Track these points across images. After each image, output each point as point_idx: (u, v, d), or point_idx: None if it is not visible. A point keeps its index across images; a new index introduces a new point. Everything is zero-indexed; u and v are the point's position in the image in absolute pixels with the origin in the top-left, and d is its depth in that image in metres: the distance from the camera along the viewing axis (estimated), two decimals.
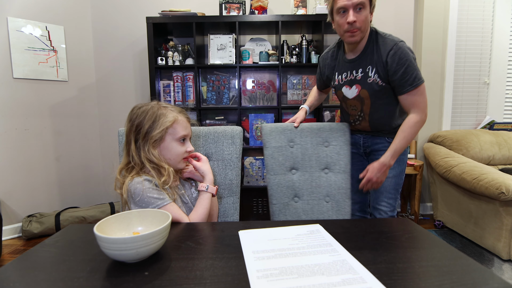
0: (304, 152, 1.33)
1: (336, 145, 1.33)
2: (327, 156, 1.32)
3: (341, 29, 1.18)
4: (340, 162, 1.31)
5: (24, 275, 0.55)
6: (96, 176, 2.72)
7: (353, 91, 1.30)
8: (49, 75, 2.41)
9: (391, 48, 1.16)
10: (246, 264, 0.58)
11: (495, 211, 1.82)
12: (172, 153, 0.92)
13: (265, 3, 2.32)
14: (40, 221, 2.22)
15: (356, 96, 1.30)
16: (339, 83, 1.34)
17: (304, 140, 1.33)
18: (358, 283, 0.51)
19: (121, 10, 2.60)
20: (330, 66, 1.37)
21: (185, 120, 0.94)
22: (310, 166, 1.32)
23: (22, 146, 2.31)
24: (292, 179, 1.32)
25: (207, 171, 0.96)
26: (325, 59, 1.40)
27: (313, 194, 1.31)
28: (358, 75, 1.26)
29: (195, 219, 0.89)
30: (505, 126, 2.54)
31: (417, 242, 0.69)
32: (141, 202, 0.83)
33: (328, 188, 1.31)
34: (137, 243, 0.56)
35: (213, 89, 2.47)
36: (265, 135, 1.32)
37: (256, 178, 2.46)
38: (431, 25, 2.54)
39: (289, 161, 1.32)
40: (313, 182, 1.32)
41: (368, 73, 1.23)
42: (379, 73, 1.20)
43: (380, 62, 1.19)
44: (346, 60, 1.29)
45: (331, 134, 1.34)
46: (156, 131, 0.88)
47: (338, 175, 1.31)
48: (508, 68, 2.62)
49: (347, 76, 1.30)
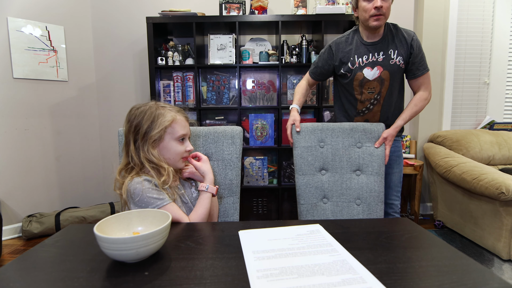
0: (335, 152, 1.29)
1: (369, 146, 1.29)
2: (360, 157, 1.29)
3: (366, 14, 1.29)
4: (373, 164, 1.27)
5: (24, 275, 0.55)
6: (96, 176, 2.72)
7: (374, 72, 1.37)
8: (49, 75, 2.41)
9: (413, 35, 1.35)
10: (246, 264, 0.58)
11: (495, 211, 1.82)
12: (172, 153, 0.92)
13: (265, 3, 2.32)
14: (40, 221, 2.22)
15: (377, 78, 1.38)
16: (360, 65, 1.38)
17: (335, 140, 1.30)
18: (358, 283, 0.51)
19: (121, 10, 2.60)
20: (345, 50, 1.40)
21: (184, 119, 0.95)
22: (340, 167, 1.29)
23: (22, 146, 2.31)
24: (321, 179, 1.29)
25: (207, 171, 0.96)
26: (339, 44, 1.42)
27: (343, 196, 1.28)
28: (379, 57, 1.36)
29: (195, 219, 0.89)
30: (505, 126, 2.54)
31: (417, 242, 0.69)
32: (140, 202, 0.83)
33: (359, 190, 1.28)
34: (137, 243, 0.56)
35: (213, 89, 2.47)
36: (295, 134, 1.31)
37: (256, 178, 2.46)
38: (431, 25, 2.54)
39: (319, 161, 1.29)
40: (343, 184, 1.29)
41: (390, 55, 1.35)
42: (402, 55, 1.35)
43: (402, 45, 1.35)
44: (366, 43, 1.37)
45: (364, 135, 1.30)
46: (155, 131, 0.88)
47: (370, 177, 1.28)
48: (508, 68, 2.62)
49: (368, 58, 1.37)
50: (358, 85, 1.41)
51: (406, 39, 1.35)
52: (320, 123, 1.32)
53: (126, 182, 0.85)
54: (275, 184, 2.45)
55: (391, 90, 1.40)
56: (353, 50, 1.39)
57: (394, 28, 1.38)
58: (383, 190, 1.28)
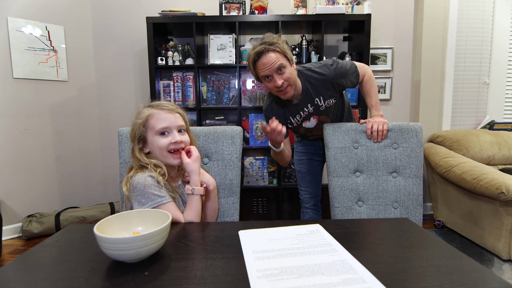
0: (370, 154, 1.25)
1: (406, 147, 1.24)
2: (396, 158, 1.24)
3: (273, 91, 1.28)
4: (411, 166, 1.22)
5: (24, 275, 0.55)
6: (96, 176, 2.72)
7: (312, 122, 1.41)
8: (49, 75, 2.41)
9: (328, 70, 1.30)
10: (246, 264, 0.58)
11: (495, 211, 1.82)
12: (156, 148, 0.91)
13: (265, 3, 2.32)
14: (40, 221, 2.22)
15: (317, 124, 1.42)
16: (298, 123, 1.41)
17: (370, 141, 1.26)
18: (358, 283, 0.51)
19: (121, 10, 2.60)
20: (280, 114, 1.39)
21: (163, 112, 0.92)
22: (376, 169, 1.24)
23: (22, 146, 2.31)
24: (356, 182, 1.25)
25: (192, 171, 0.90)
26: (271, 110, 1.39)
27: (379, 199, 1.24)
28: (310, 109, 1.36)
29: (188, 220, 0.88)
30: (505, 126, 2.54)
31: (417, 242, 0.69)
32: (141, 197, 0.83)
33: (396, 193, 1.23)
34: (137, 243, 0.56)
35: (213, 89, 2.47)
36: (328, 135, 1.27)
37: (256, 178, 2.46)
38: (431, 25, 2.54)
39: (353, 163, 1.25)
40: (379, 186, 1.24)
41: (318, 104, 1.35)
42: (330, 96, 1.34)
43: (326, 88, 1.32)
44: (292, 105, 1.37)
45: (401, 135, 1.25)
46: (134, 130, 0.92)
47: (408, 179, 1.23)
48: (508, 68, 2.62)
49: (301, 116, 1.38)
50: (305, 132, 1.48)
51: (326, 81, 1.30)
52: (354, 123, 1.28)
53: (130, 175, 0.88)
54: (275, 184, 2.45)
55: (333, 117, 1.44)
56: (287, 112, 1.38)
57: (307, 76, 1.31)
58: (421, 193, 1.24)
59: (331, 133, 1.27)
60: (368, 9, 2.25)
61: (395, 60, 2.66)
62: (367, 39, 2.24)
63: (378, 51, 2.63)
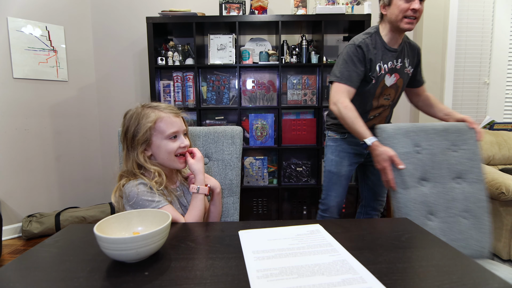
0: (433, 158, 1.10)
1: (467, 149, 1.13)
2: (459, 162, 1.11)
3: (401, 14, 1.22)
4: (474, 170, 1.11)
5: (24, 275, 0.55)
6: (96, 176, 2.72)
7: (392, 79, 1.36)
8: (49, 75, 2.41)
9: (418, 46, 1.41)
10: (246, 264, 0.58)
11: (495, 211, 1.82)
12: (163, 152, 0.88)
13: (265, 3, 2.32)
14: (40, 221, 2.22)
15: (393, 84, 1.37)
16: (384, 71, 1.33)
17: (431, 143, 1.11)
18: (358, 283, 0.51)
19: (121, 10, 2.60)
20: (373, 54, 1.30)
21: (171, 116, 0.89)
22: (440, 175, 1.10)
23: (22, 146, 2.31)
24: (423, 192, 1.08)
25: (198, 171, 0.90)
26: (367, 45, 1.30)
27: (449, 210, 1.08)
28: (398, 65, 1.35)
29: (189, 221, 0.88)
30: (505, 126, 2.54)
31: (417, 242, 0.69)
32: (136, 205, 0.82)
33: (465, 201, 1.09)
34: (137, 243, 0.56)
35: (213, 89, 2.47)
36: (388, 138, 1.11)
37: (256, 178, 2.46)
38: (431, 25, 2.54)
39: (418, 170, 1.09)
40: (447, 195, 1.09)
41: (405, 64, 1.36)
42: (412, 65, 1.39)
43: (413, 56, 1.39)
44: (391, 49, 1.33)
45: (459, 136, 1.13)
46: (140, 134, 0.86)
47: (473, 185, 1.10)
48: (508, 68, 2.62)
49: (393, 64, 1.34)
50: (379, 92, 1.36)
51: (415, 50, 1.40)
52: (410, 124, 1.13)
53: (121, 183, 0.85)
54: (275, 184, 2.45)
55: (398, 98, 1.44)
56: (380, 55, 1.31)
57: (406, 39, 1.39)
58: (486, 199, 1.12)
59: (392, 136, 1.09)
60: (368, 9, 2.25)
61: None
62: None
63: None
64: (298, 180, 2.47)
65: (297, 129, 2.40)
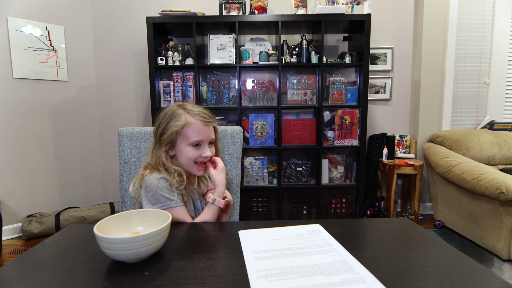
0: None
1: None
2: None
3: None
4: None
5: (24, 275, 0.55)
6: (96, 176, 2.72)
7: None
8: (49, 75, 2.41)
9: None
10: (246, 264, 0.58)
11: (495, 211, 1.82)
12: (184, 157, 0.89)
13: (265, 3, 2.32)
14: (40, 221, 2.22)
15: None
16: None
17: None
18: (358, 283, 0.51)
19: (121, 10, 2.60)
20: None
21: (200, 124, 0.89)
22: None
23: (22, 146, 2.31)
24: None
25: (219, 182, 0.90)
26: None
27: None
28: None
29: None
30: (505, 126, 2.54)
31: (417, 242, 0.69)
32: (152, 198, 0.84)
33: None
34: (137, 243, 0.56)
35: (213, 89, 2.47)
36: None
37: (256, 178, 2.46)
38: (431, 25, 2.54)
39: None
40: None
41: None
42: None
43: None
44: None
45: None
46: (167, 134, 0.88)
47: None
48: (508, 68, 2.62)
49: None
50: None
51: None
52: None
53: (145, 173, 0.87)
54: (275, 184, 2.45)
55: None
56: None
57: None
58: None
59: None
60: (368, 9, 2.25)
61: (395, 60, 2.66)
62: (367, 39, 2.24)
63: (378, 51, 2.63)
64: (298, 180, 2.47)
65: (297, 129, 2.40)
